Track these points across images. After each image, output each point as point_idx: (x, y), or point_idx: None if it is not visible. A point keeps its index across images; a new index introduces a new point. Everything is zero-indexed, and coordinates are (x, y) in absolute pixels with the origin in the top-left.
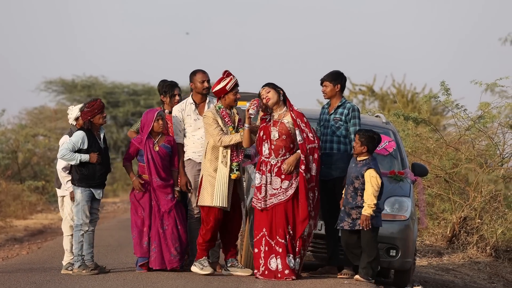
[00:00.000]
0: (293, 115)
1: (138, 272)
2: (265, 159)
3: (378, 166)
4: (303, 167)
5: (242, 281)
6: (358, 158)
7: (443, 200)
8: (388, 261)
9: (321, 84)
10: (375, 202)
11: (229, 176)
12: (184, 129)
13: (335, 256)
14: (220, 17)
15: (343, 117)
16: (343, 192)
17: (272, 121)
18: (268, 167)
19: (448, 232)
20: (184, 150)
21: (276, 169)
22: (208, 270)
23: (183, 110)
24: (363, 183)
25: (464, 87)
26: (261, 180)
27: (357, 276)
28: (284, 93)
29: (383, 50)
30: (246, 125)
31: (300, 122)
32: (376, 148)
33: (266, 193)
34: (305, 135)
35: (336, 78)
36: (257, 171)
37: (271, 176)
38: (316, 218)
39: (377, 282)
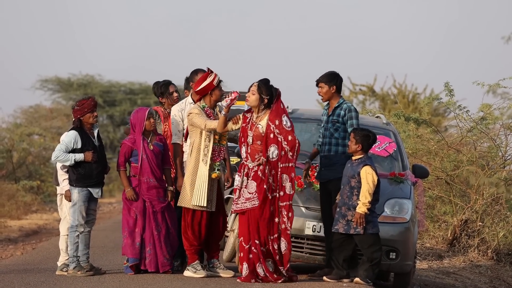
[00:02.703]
0: (269, 123)
1: (133, 274)
2: (244, 162)
3: (374, 164)
4: (264, 186)
5: (240, 284)
6: (353, 158)
7: (444, 202)
8: (388, 264)
9: (317, 85)
10: (370, 200)
11: (209, 175)
12: (184, 129)
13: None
14: (218, 15)
15: (340, 119)
16: (337, 197)
17: (250, 122)
18: (246, 170)
19: (449, 235)
20: (184, 150)
21: (253, 173)
22: (201, 273)
23: (183, 109)
24: (359, 181)
25: (466, 88)
26: (238, 183)
27: (356, 279)
28: (270, 99)
29: (384, 50)
30: (223, 112)
31: (280, 135)
32: (371, 147)
33: (240, 196)
34: (283, 152)
35: (331, 79)
36: (237, 173)
37: (247, 180)
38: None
39: (377, 285)
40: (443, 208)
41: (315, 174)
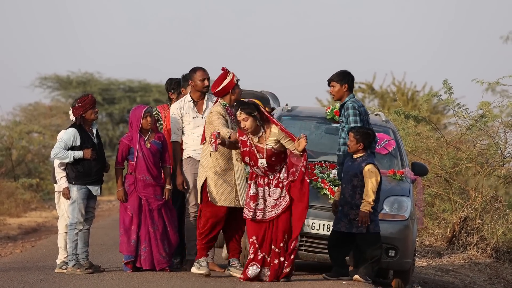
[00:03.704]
0: (272, 135)
1: (132, 272)
2: (261, 174)
3: (375, 163)
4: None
5: (239, 282)
6: (355, 156)
7: (443, 200)
8: (387, 262)
9: (329, 84)
10: (374, 198)
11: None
12: (183, 127)
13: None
14: (218, 13)
15: (344, 118)
16: (336, 194)
17: (254, 146)
18: (266, 180)
19: (448, 233)
20: (183, 148)
21: (276, 181)
22: (203, 270)
23: (182, 108)
24: (362, 180)
25: (465, 85)
26: (258, 191)
27: (356, 276)
28: (260, 112)
29: (383, 47)
30: (212, 150)
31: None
32: (371, 144)
33: (265, 205)
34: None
35: (343, 78)
36: (252, 181)
37: (269, 189)
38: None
39: (376, 282)
40: (442, 205)
41: (315, 171)
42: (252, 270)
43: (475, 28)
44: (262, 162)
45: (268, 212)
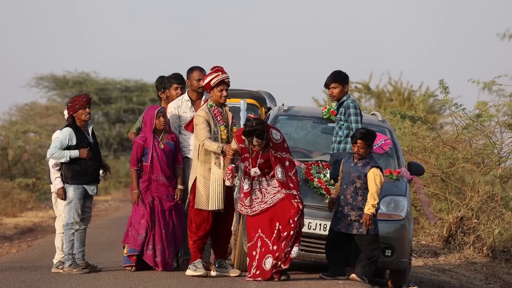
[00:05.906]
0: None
1: (129, 271)
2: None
3: (379, 165)
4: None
5: (235, 281)
6: (357, 158)
7: (440, 199)
8: (383, 261)
9: (327, 87)
10: (378, 201)
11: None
12: (180, 126)
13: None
14: (215, 12)
15: (342, 116)
16: (333, 192)
17: (255, 152)
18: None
19: (444, 232)
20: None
21: (272, 171)
22: (200, 271)
23: (179, 107)
24: (365, 182)
25: (462, 85)
26: (252, 186)
27: (353, 275)
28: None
29: (379, 47)
30: (228, 184)
31: (281, 154)
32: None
33: (266, 193)
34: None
35: (343, 79)
36: (246, 177)
37: (266, 180)
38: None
39: (372, 282)
40: (439, 205)
41: (311, 171)
42: (269, 263)
43: (472, 25)
44: (256, 170)
45: (271, 198)
